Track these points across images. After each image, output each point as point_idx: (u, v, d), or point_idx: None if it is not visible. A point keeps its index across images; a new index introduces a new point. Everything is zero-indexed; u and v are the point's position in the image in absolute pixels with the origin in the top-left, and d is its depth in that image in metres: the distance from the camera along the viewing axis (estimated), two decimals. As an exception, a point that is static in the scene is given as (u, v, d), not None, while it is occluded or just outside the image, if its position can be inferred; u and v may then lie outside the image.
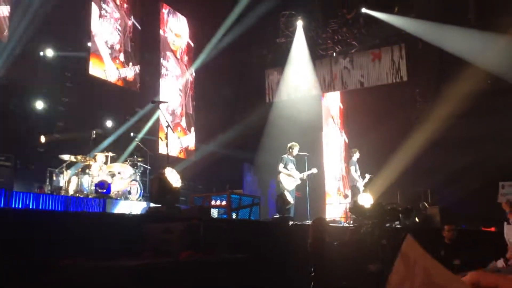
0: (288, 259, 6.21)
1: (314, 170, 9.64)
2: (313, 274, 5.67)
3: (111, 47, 10.94)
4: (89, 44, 10.36)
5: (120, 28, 11.33)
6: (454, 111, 10.98)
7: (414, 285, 1.04)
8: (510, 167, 9.92)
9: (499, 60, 10.74)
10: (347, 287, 5.82)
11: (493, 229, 8.27)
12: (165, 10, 12.89)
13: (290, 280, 6.11)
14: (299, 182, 9.47)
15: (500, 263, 5.93)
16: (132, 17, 11.77)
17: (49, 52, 9.71)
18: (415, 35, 12.41)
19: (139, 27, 11.85)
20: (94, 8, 10.61)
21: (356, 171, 10.87)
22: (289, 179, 9.29)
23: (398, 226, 8.27)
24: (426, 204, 9.79)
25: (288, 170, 9.33)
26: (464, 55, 11.21)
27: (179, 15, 13.34)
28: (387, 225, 7.02)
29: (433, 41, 12.00)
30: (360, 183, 10.80)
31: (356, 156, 11.07)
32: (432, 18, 11.96)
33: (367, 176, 10.83)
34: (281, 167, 9.34)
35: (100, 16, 10.79)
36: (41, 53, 9.63)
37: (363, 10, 12.98)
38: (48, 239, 3.93)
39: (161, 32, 12.66)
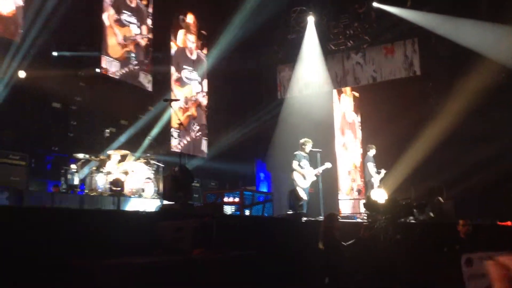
0: (301, 255, 6.21)
1: (329, 165, 9.57)
2: (327, 281, 5.66)
3: (123, 37, 11.04)
4: (102, 43, 10.41)
5: (133, 27, 11.39)
6: (468, 105, 10.85)
7: None
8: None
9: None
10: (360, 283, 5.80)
11: (509, 223, 8.16)
12: (182, 18, 13.03)
13: (303, 276, 6.10)
14: (314, 178, 9.40)
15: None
16: (146, 17, 11.83)
17: (63, 52, 9.81)
18: (428, 29, 12.26)
19: (152, 27, 11.90)
20: (107, 7, 10.66)
21: (374, 167, 10.79)
22: (303, 176, 9.25)
23: (413, 221, 8.20)
24: (440, 199, 9.68)
25: (302, 166, 9.28)
26: (478, 49, 11.06)
27: (192, 16, 13.40)
28: (401, 220, 6.99)
29: (447, 35, 11.83)
30: (376, 179, 10.72)
31: (372, 152, 10.99)
32: (445, 12, 11.81)
33: (383, 171, 10.75)
34: (295, 164, 9.27)
35: (115, 15, 10.85)
36: (55, 53, 9.73)
37: (375, 4, 12.85)
38: (63, 237, 3.98)
39: (174, 29, 12.70)
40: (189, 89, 13.02)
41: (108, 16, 10.73)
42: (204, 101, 13.47)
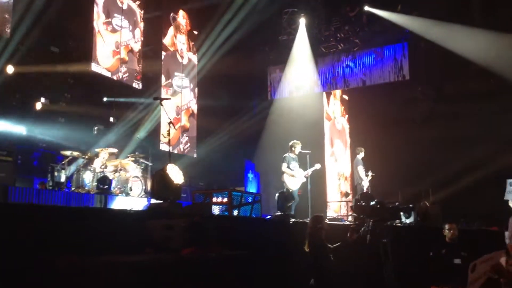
0: (289, 256, 6.22)
1: (318, 166, 9.60)
2: (312, 283, 5.68)
3: (115, 44, 10.91)
4: (92, 40, 10.32)
5: (125, 31, 11.30)
6: (456, 110, 10.97)
7: None
8: (511, 167, 9.93)
9: (501, 59, 10.71)
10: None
11: (495, 228, 8.25)
12: (173, 15, 12.92)
13: (290, 276, 6.11)
14: (304, 180, 9.43)
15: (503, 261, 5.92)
16: (138, 18, 11.75)
17: (52, 48, 9.73)
18: (418, 33, 12.37)
19: (143, 24, 11.82)
20: (97, 12, 10.56)
21: (363, 170, 10.82)
22: (293, 178, 9.27)
23: (399, 224, 8.26)
24: (427, 203, 9.76)
25: (292, 168, 9.30)
26: (467, 54, 11.18)
27: (183, 14, 13.34)
28: (388, 223, 7.03)
29: (436, 40, 11.95)
30: (365, 182, 10.76)
31: (361, 155, 11.03)
32: (435, 17, 11.92)
33: (370, 173, 10.80)
34: (284, 167, 9.29)
35: (106, 13, 10.75)
36: (44, 49, 9.64)
37: (366, 8, 12.94)
38: (49, 235, 3.94)
39: (165, 28, 12.63)
40: (180, 98, 12.86)
41: (97, 23, 10.54)
42: (196, 109, 13.36)
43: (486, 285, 2.56)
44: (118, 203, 7.87)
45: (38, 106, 9.54)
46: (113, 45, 10.91)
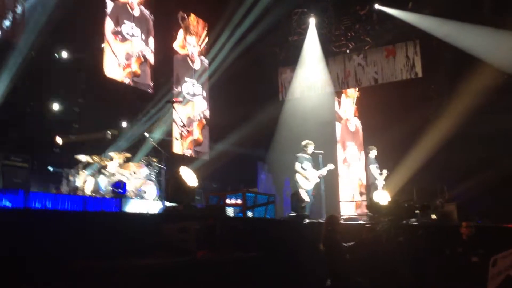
0: (304, 257, 6.20)
1: (331, 166, 9.56)
2: (328, 283, 5.66)
3: (125, 55, 10.74)
4: (103, 45, 10.38)
5: (137, 40, 11.08)
6: (470, 107, 10.86)
7: None
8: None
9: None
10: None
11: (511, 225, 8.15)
12: (181, 15, 12.89)
13: (305, 277, 6.09)
14: (317, 180, 9.39)
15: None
16: (151, 22, 11.60)
17: (64, 54, 9.82)
18: (429, 32, 12.27)
19: (153, 30, 11.78)
20: (109, 8, 10.42)
21: (377, 168, 10.74)
22: (307, 179, 9.25)
23: (415, 223, 8.20)
24: (443, 201, 9.68)
25: (305, 169, 9.28)
26: (478, 53, 11.07)
27: (193, 16, 13.34)
28: (404, 222, 6.98)
29: (447, 39, 11.85)
30: (380, 181, 10.68)
31: (373, 153, 10.93)
32: (446, 15, 11.81)
33: (385, 171, 10.71)
34: (298, 166, 9.27)
35: (115, 20, 10.67)
36: (56, 55, 9.74)
37: (376, 6, 12.88)
38: (66, 239, 3.97)
39: (175, 30, 12.64)
40: (192, 107, 12.58)
41: (105, 31, 10.19)
42: (209, 118, 13.13)
43: (506, 281, 2.54)
44: (133, 207, 7.92)
45: (52, 112, 9.65)
46: (123, 56, 10.59)
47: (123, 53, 10.65)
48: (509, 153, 10.37)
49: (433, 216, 9.00)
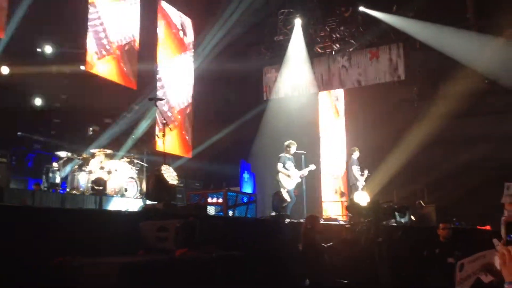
0: (284, 256, 6.23)
1: (313, 167, 9.64)
2: (307, 283, 5.69)
3: (109, 44, 10.81)
4: (87, 40, 10.27)
5: (119, 24, 11.08)
6: (452, 110, 11.00)
7: None
8: (506, 167, 9.97)
9: (494, 62, 10.78)
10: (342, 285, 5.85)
11: (488, 227, 8.29)
12: (164, 7, 12.78)
13: (285, 276, 6.12)
14: (299, 180, 9.45)
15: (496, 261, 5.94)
16: (137, 10, 11.56)
17: (47, 49, 9.71)
18: (412, 35, 12.41)
19: (139, 22, 11.71)
20: (92, 4, 10.37)
21: (358, 169, 10.84)
22: (288, 178, 9.29)
23: (394, 224, 8.29)
24: (422, 203, 9.80)
25: (287, 168, 9.32)
26: (460, 57, 11.23)
27: (176, 11, 13.27)
28: (383, 223, 7.06)
29: (430, 42, 11.98)
30: (360, 182, 10.78)
31: (356, 154, 11.04)
32: (430, 19, 11.95)
33: (366, 172, 10.82)
34: (280, 166, 9.32)
35: (98, 7, 10.62)
36: (39, 50, 9.62)
37: (361, 8, 12.96)
38: (44, 236, 3.93)
39: (160, 28, 12.57)
40: (175, 98, 12.61)
41: (89, 19, 10.17)
42: (192, 109, 13.13)
43: (476, 284, 2.58)
44: (114, 205, 7.86)
45: (34, 106, 9.53)
46: (106, 44, 10.62)
47: (106, 41, 10.61)
48: (488, 156, 10.53)
49: (412, 218, 9.11)
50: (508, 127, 10.61)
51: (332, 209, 14.03)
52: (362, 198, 10.31)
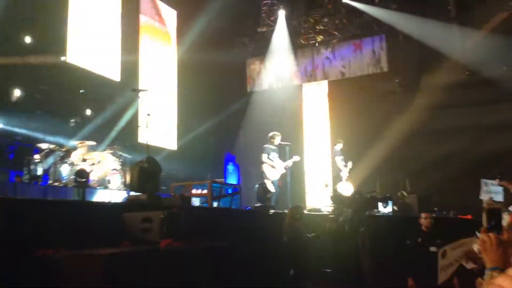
0: (268, 247, 6.26)
1: (297, 158, 9.68)
2: (292, 273, 5.74)
3: (91, 34, 10.67)
4: (67, 31, 10.11)
5: (100, 15, 11.00)
6: (434, 101, 11.13)
7: None
8: (487, 158, 10.15)
9: (475, 54, 10.94)
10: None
11: (469, 216, 8.44)
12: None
13: (270, 267, 6.16)
14: (283, 171, 9.48)
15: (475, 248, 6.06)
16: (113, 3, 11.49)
17: (27, 39, 9.53)
18: (395, 27, 12.49)
19: (120, 13, 11.57)
20: None
21: (342, 160, 10.94)
22: (273, 169, 9.31)
23: (377, 214, 8.38)
24: (404, 193, 9.94)
25: (271, 159, 9.34)
26: (442, 49, 11.36)
27: (159, 1, 13.15)
28: (366, 213, 7.12)
29: (413, 34, 12.09)
30: (344, 173, 10.87)
31: (339, 146, 11.14)
32: (412, 11, 12.04)
33: (350, 163, 10.91)
34: (264, 157, 9.32)
35: (80, 2, 10.50)
36: (18, 40, 9.44)
37: (344, 0, 12.99)
38: (26, 228, 3.89)
39: (142, 19, 12.44)
40: (158, 89, 12.51)
41: (70, 8, 10.08)
42: (176, 100, 13.08)
43: (459, 271, 2.64)
44: (97, 197, 7.80)
45: (13, 98, 9.35)
46: (88, 34, 10.49)
47: (88, 31, 10.48)
48: (470, 147, 10.68)
49: (395, 207, 9.23)
50: (489, 118, 10.77)
51: (316, 199, 14.13)
52: (346, 188, 10.42)
